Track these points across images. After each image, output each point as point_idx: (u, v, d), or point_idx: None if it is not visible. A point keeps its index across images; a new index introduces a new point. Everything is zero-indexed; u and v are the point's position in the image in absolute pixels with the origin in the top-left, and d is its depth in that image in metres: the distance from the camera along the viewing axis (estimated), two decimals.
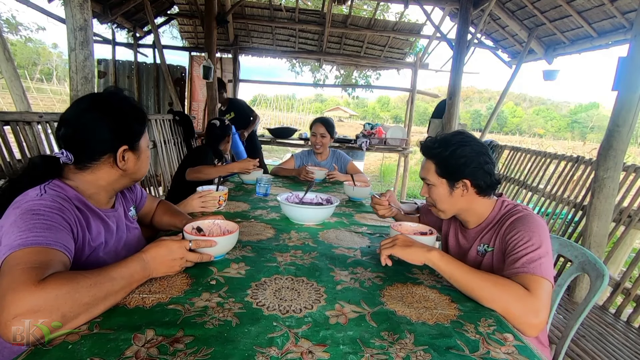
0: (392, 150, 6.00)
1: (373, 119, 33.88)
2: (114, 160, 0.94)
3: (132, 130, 0.96)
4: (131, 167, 0.97)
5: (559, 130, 33.69)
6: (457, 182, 1.12)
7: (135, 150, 0.97)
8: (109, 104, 0.94)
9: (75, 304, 0.67)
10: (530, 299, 0.87)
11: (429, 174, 1.17)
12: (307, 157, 2.68)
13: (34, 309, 0.63)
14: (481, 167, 1.10)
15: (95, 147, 0.92)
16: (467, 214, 1.19)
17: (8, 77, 3.14)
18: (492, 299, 0.88)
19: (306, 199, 1.63)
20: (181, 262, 0.92)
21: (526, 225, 1.02)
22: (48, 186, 0.86)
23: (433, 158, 1.16)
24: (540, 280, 0.91)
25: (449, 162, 1.12)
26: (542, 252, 0.96)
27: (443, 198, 1.15)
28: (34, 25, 23.28)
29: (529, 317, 0.84)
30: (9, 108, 10.49)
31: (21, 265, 0.68)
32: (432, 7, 5.13)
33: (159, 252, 0.88)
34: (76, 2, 1.99)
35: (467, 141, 1.12)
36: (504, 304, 0.86)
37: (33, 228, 0.75)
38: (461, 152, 1.10)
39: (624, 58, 2.12)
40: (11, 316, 0.61)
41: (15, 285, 0.64)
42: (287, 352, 0.66)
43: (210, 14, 4.67)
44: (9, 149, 1.97)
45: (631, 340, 1.78)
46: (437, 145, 1.14)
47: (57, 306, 0.65)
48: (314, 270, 1.02)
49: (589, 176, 2.71)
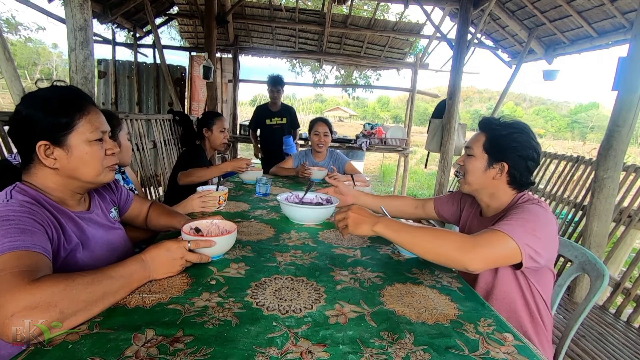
0: (392, 151, 6.01)
1: (373, 119, 33.87)
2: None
3: (51, 124, 0.85)
4: (64, 166, 0.88)
5: (559, 130, 33.68)
6: (497, 163, 1.13)
7: (61, 145, 0.87)
8: (30, 98, 0.88)
9: (73, 300, 0.67)
10: (468, 240, 0.92)
11: (476, 144, 1.17)
12: (305, 157, 2.69)
13: (30, 306, 0.62)
14: (525, 160, 1.11)
15: (23, 145, 0.87)
16: (490, 199, 1.19)
17: (8, 77, 3.13)
18: (433, 251, 0.94)
19: (306, 199, 1.63)
20: (181, 262, 0.91)
21: (529, 208, 1.03)
22: (13, 190, 0.83)
23: (488, 132, 1.16)
24: (498, 234, 0.93)
25: (501, 140, 1.12)
26: (524, 223, 0.96)
27: (477, 172, 1.16)
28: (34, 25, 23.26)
29: (460, 254, 0.91)
30: (9, 108, 10.48)
31: (7, 270, 0.66)
32: (432, 7, 5.13)
33: (158, 252, 0.88)
34: (76, 2, 1.99)
35: (527, 131, 1.13)
36: (443, 252, 0.93)
37: (6, 234, 0.71)
38: (516, 138, 1.11)
39: (624, 58, 2.12)
40: (8, 314, 0.61)
41: (8, 287, 0.63)
42: (286, 352, 0.66)
43: (210, 14, 4.68)
44: (9, 149, 1.97)
45: (631, 340, 1.78)
46: (499, 123, 1.15)
47: (54, 303, 0.64)
48: (314, 270, 1.02)
49: (589, 176, 2.71)
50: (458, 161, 1.24)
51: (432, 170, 8.61)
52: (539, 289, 1.10)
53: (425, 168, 5.92)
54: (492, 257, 0.93)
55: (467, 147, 1.21)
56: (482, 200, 1.23)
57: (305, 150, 2.77)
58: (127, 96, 6.09)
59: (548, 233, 0.99)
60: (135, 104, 6.03)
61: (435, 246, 0.94)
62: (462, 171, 1.22)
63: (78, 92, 0.93)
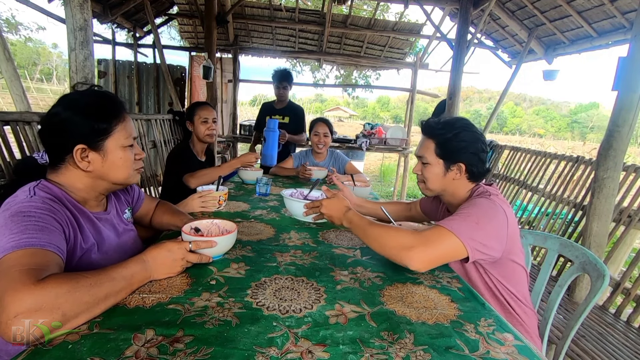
0: (392, 150, 6.01)
1: (373, 119, 33.89)
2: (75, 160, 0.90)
3: (91, 128, 0.89)
4: (98, 169, 0.92)
5: (559, 130, 33.68)
6: (454, 165, 1.16)
7: (97, 150, 0.91)
8: (69, 100, 0.90)
9: (76, 303, 0.67)
10: (411, 239, 0.96)
11: (427, 152, 1.20)
12: (305, 157, 2.68)
13: (34, 307, 0.63)
14: (477, 154, 1.14)
15: (56, 146, 0.90)
16: (452, 197, 1.23)
17: (8, 77, 3.14)
18: (380, 249, 1.01)
19: (311, 197, 1.60)
20: (182, 262, 0.92)
21: (475, 201, 1.07)
22: (37, 187, 0.85)
23: (435, 138, 1.18)
24: (442, 230, 0.98)
25: (451, 144, 1.15)
26: (466, 217, 1.00)
27: (436, 178, 1.19)
28: (34, 25, 23.30)
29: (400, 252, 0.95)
30: (9, 108, 10.50)
31: (17, 267, 0.67)
32: (432, 7, 5.13)
33: (159, 253, 0.89)
34: (76, 2, 1.99)
35: (469, 127, 1.16)
36: (387, 250, 0.98)
37: (25, 230, 0.73)
38: (463, 136, 1.14)
39: (624, 58, 2.12)
40: (12, 315, 0.61)
41: (14, 285, 0.64)
42: (287, 352, 0.66)
43: (210, 14, 4.67)
44: (9, 149, 1.97)
45: (631, 340, 1.78)
46: (441, 126, 1.18)
47: (58, 305, 0.65)
48: (314, 270, 1.02)
49: (589, 176, 2.71)
50: (414, 170, 1.27)
51: None
52: (502, 281, 1.11)
53: None
54: (435, 256, 0.97)
55: (419, 157, 1.24)
56: (446, 200, 1.28)
57: (305, 150, 2.76)
58: (127, 96, 6.08)
59: (495, 224, 1.02)
60: (135, 104, 6.03)
61: (380, 244, 1.00)
62: (421, 179, 1.25)
63: (115, 99, 0.97)
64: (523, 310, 1.14)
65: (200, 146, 2.18)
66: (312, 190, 1.63)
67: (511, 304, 1.13)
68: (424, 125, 1.23)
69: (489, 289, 1.14)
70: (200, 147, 2.18)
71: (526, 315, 1.14)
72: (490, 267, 1.10)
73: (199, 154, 2.19)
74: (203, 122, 2.09)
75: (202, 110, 2.10)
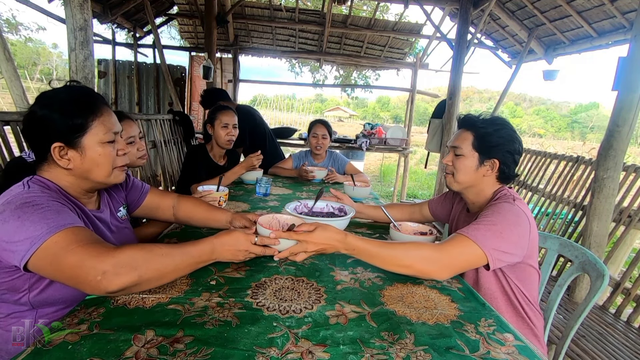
0: (392, 150, 6.00)
1: (373, 119, 33.86)
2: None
3: (66, 125, 0.86)
4: (78, 167, 0.89)
5: (559, 130, 33.67)
6: (488, 160, 1.15)
7: (75, 147, 0.88)
8: (45, 98, 0.88)
9: (149, 268, 0.75)
10: (436, 253, 0.95)
11: (464, 143, 1.17)
12: (304, 158, 2.68)
13: (118, 264, 0.71)
14: (513, 154, 1.14)
15: (36, 145, 0.89)
16: (476, 196, 1.21)
17: (8, 77, 3.14)
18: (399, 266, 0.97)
19: (316, 209, 1.46)
20: (245, 253, 0.95)
21: (499, 207, 1.05)
22: (30, 181, 0.85)
23: (474, 130, 1.17)
24: (464, 240, 0.96)
25: (490, 138, 1.14)
26: (491, 227, 0.99)
27: (468, 170, 1.17)
28: (34, 25, 23.26)
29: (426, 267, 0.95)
30: (9, 108, 10.49)
31: (74, 244, 0.71)
32: (432, 7, 5.13)
33: (228, 240, 0.93)
34: (76, 2, 1.99)
35: (509, 126, 1.16)
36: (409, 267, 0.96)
37: (45, 216, 0.74)
38: (503, 133, 1.14)
39: (624, 58, 2.12)
40: (100, 272, 0.68)
41: (91, 252, 0.70)
42: (287, 352, 0.66)
43: (210, 14, 4.68)
44: (9, 149, 1.97)
45: (631, 340, 1.78)
46: (483, 120, 1.18)
47: (136, 266, 0.73)
48: (314, 270, 1.02)
49: (589, 176, 2.71)
50: (445, 161, 1.24)
51: (432, 170, 8.60)
52: (518, 284, 1.11)
53: (425, 168, 5.93)
54: (459, 266, 0.98)
55: (454, 147, 1.21)
56: (468, 198, 1.25)
57: (304, 151, 2.76)
58: (127, 96, 6.08)
59: (519, 232, 1.02)
60: (135, 104, 6.03)
61: (399, 265, 0.97)
62: (450, 171, 1.22)
63: (91, 93, 0.94)
64: (534, 313, 1.14)
65: (218, 150, 2.18)
66: (317, 201, 1.47)
67: (524, 307, 1.12)
68: (463, 117, 1.22)
69: (504, 292, 1.13)
70: (218, 150, 2.18)
71: (536, 319, 1.14)
72: (509, 270, 1.10)
73: (216, 157, 2.18)
74: (223, 127, 2.08)
75: (224, 115, 2.09)
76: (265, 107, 21.68)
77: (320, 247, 0.95)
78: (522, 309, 1.13)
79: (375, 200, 2.08)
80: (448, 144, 1.25)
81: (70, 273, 0.71)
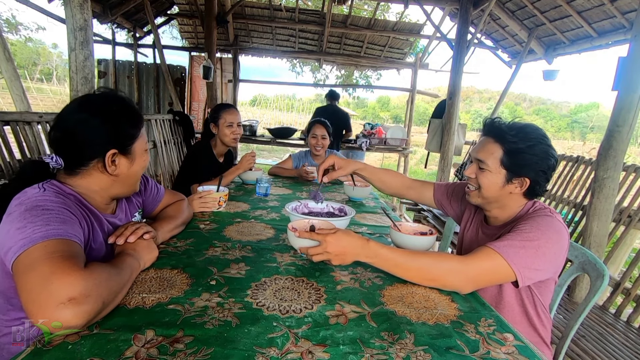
0: (392, 151, 6.00)
1: (373, 119, 33.83)
2: (104, 165, 0.90)
3: (123, 133, 0.91)
4: (124, 173, 0.93)
5: (559, 130, 33.65)
6: (517, 178, 1.03)
7: (127, 154, 0.93)
8: (97, 105, 0.90)
9: (111, 291, 0.71)
10: (462, 266, 0.91)
11: (490, 158, 1.04)
12: (304, 158, 2.68)
13: (85, 293, 0.64)
14: (546, 172, 1.02)
15: (82, 151, 0.88)
16: (500, 210, 1.11)
17: (8, 77, 3.14)
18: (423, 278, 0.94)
19: (316, 208, 1.48)
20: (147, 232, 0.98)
21: (538, 221, 0.97)
22: (46, 185, 0.85)
23: (504, 144, 1.03)
24: (493, 255, 0.91)
25: (522, 156, 1.01)
26: (527, 243, 0.92)
27: (493, 187, 1.05)
28: (34, 25, 23.28)
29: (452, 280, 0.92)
30: (9, 108, 10.49)
31: (57, 253, 0.68)
32: (432, 7, 5.13)
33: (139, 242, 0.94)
34: (76, 2, 1.99)
35: (545, 140, 1.03)
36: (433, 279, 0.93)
37: (49, 222, 0.74)
38: (537, 151, 1.01)
39: (624, 58, 2.12)
40: (64, 298, 0.62)
41: (63, 270, 0.65)
42: (287, 352, 0.66)
43: (210, 14, 4.68)
44: (9, 149, 1.97)
45: (631, 340, 1.78)
46: (514, 133, 1.02)
47: (100, 293, 0.68)
48: (314, 270, 1.02)
49: (589, 176, 2.71)
50: (468, 173, 1.12)
51: (432, 170, 8.61)
52: (541, 298, 1.07)
53: (425, 168, 5.93)
54: (484, 282, 0.94)
55: (479, 160, 1.08)
56: (490, 212, 1.14)
57: (304, 151, 2.75)
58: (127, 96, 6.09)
59: (556, 249, 0.95)
60: (135, 104, 6.03)
61: (424, 277, 0.94)
62: (474, 184, 1.10)
63: (133, 104, 0.99)
64: (545, 316, 1.10)
65: (222, 149, 2.18)
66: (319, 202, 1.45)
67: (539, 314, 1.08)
68: (490, 124, 1.07)
69: (522, 304, 1.07)
70: (221, 149, 2.18)
71: (547, 321, 1.11)
72: (536, 285, 1.04)
73: (218, 155, 2.19)
74: (228, 126, 2.07)
75: (228, 114, 2.08)
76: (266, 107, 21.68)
77: (339, 249, 0.93)
78: (539, 319, 1.08)
79: (375, 200, 2.08)
80: (471, 153, 1.16)
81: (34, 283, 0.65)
